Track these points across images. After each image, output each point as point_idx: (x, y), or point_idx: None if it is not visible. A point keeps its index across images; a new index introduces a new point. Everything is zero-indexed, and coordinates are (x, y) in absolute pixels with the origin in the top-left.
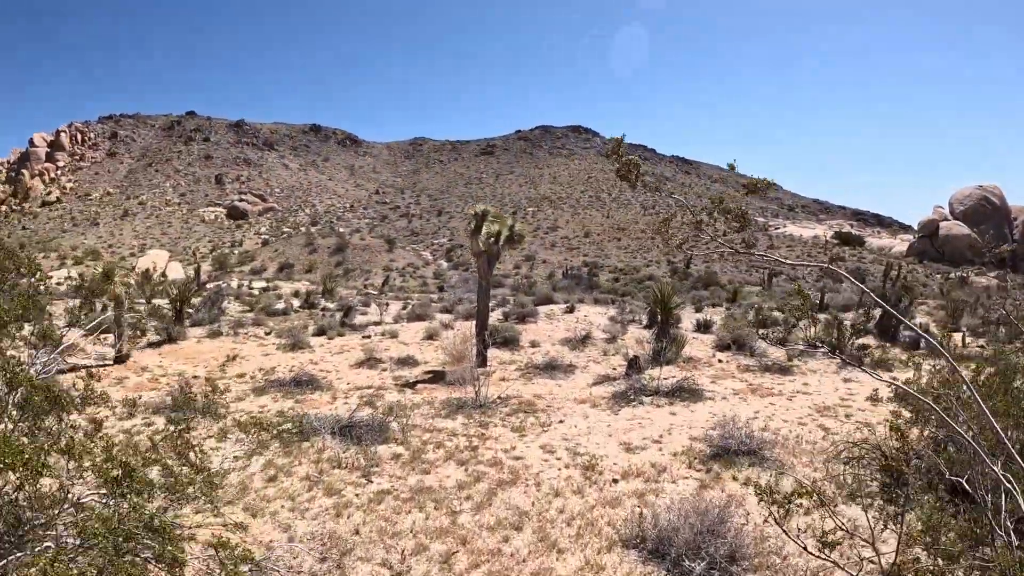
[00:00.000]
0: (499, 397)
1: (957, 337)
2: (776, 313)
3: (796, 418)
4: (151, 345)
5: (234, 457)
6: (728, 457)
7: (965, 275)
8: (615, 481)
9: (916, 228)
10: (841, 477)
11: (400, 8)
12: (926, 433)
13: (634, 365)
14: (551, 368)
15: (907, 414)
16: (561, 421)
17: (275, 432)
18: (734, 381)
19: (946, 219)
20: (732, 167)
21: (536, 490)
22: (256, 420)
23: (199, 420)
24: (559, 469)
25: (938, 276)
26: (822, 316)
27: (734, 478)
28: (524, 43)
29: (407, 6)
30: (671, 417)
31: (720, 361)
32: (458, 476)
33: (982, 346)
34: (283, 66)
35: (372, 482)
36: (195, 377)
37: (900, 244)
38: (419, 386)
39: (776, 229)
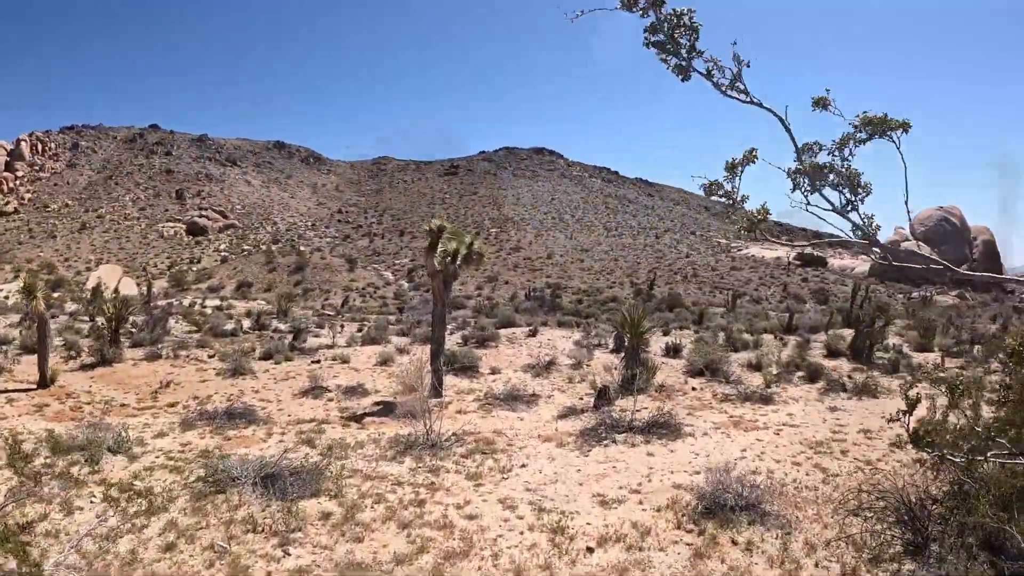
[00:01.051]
0: (454, 434)
1: (932, 357)
2: (747, 336)
3: (789, 456)
4: (84, 367)
5: (134, 513)
6: (723, 513)
7: (928, 295)
8: (590, 550)
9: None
10: (859, 536)
11: (366, 26)
12: (951, 478)
13: (603, 396)
14: (513, 399)
15: (927, 457)
16: (524, 465)
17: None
18: (713, 412)
19: (907, 239)
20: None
21: (493, 564)
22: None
23: (109, 458)
24: (521, 532)
25: (900, 296)
26: (792, 338)
27: (734, 541)
28: (492, 64)
29: (374, 25)
30: (649, 459)
31: (694, 389)
32: (397, 545)
33: (962, 367)
34: (248, 82)
35: (290, 554)
36: (123, 405)
37: (862, 264)
38: (367, 420)
39: (739, 251)
